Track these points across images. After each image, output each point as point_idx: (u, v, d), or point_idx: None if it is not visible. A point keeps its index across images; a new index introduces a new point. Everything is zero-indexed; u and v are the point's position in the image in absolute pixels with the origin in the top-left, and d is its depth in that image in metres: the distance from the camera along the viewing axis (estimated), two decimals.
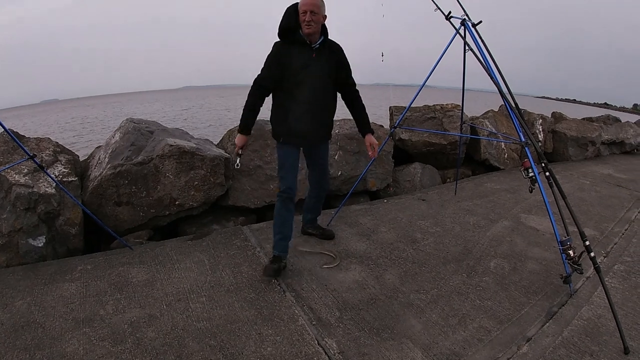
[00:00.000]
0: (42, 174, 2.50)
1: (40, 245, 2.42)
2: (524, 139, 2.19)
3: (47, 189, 2.46)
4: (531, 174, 2.10)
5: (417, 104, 4.34)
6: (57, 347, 1.66)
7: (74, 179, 2.66)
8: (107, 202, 2.70)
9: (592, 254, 1.90)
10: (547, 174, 2.04)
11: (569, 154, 5.92)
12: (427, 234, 2.91)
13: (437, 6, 2.42)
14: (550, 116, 6.43)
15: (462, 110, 3.69)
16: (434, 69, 2.77)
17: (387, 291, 2.15)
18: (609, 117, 7.14)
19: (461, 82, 3.11)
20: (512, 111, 2.16)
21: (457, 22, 2.46)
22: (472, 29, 2.40)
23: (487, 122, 5.03)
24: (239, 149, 2.24)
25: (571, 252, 1.97)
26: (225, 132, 3.64)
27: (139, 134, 3.01)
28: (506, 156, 5.12)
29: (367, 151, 2.35)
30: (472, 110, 7.32)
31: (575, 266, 1.96)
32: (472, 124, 4.53)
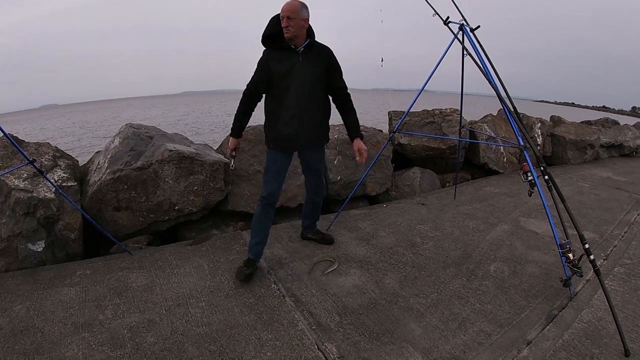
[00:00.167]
0: (41, 179, 2.51)
1: (39, 250, 2.42)
2: (522, 143, 2.20)
3: (46, 194, 2.46)
4: (530, 178, 2.10)
5: (416, 108, 4.37)
6: (56, 352, 1.65)
7: (73, 184, 2.66)
8: (106, 207, 2.70)
9: (591, 257, 1.90)
10: (546, 177, 2.04)
11: (568, 157, 5.93)
12: (427, 238, 2.91)
13: (435, 11, 2.44)
14: (548, 120, 6.46)
15: (460, 114, 3.71)
16: (432, 74, 2.78)
17: (387, 295, 2.15)
18: (607, 120, 7.16)
19: (460, 87, 3.13)
20: (511, 115, 2.17)
21: (455, 27, 2.48)
22: (470, 34, 2.42)
23: (486, 126, 5.04)
24: (231, 151, 2.38)
25: (571, 255, 1.97)
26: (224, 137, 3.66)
27: (138, 139, 3.02)
28: (505, 160, 5.13)
29: (355, 156, 2.30)
30: (471, 114, 7.35)
31: (575, 269, 1.96)
32: (471, 128, 4.55)
